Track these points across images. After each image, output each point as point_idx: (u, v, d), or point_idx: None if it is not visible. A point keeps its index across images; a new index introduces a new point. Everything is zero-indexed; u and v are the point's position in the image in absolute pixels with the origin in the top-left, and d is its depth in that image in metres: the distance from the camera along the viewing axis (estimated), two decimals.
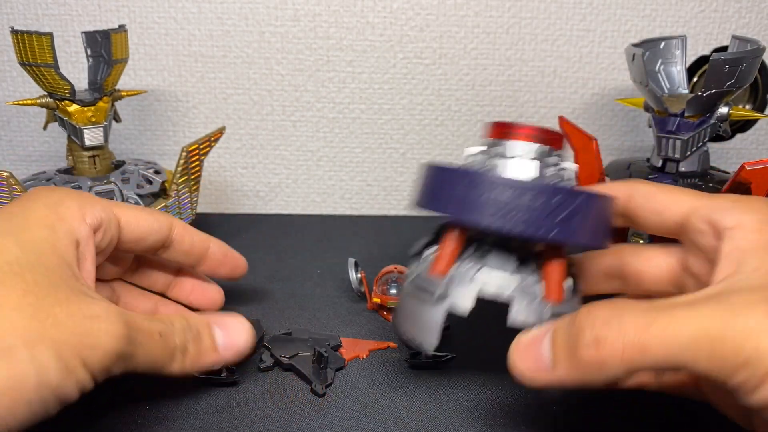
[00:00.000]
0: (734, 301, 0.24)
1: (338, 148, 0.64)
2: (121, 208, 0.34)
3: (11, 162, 0.65)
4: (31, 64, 0.44)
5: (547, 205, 0.28)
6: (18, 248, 0.27)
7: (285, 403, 0.34)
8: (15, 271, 0.26)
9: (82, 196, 0.33)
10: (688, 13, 0.61)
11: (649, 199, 0.33)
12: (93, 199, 0.33)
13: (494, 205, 0.28)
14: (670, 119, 0.46)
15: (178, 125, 0.63)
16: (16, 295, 0.25)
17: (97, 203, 0.33)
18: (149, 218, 0.35)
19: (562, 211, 0.28)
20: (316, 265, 0.52)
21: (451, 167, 0.31)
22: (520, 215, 0.28)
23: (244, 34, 0.60)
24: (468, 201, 0.29)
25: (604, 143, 0.64)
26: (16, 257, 0.26)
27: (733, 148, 0.65)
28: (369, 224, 0.62)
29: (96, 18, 0.60)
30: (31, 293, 0.25)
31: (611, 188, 0.34)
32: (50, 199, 0.31)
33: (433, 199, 0.31)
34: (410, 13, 0.60)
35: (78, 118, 0.47)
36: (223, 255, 0.39)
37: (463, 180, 0.29)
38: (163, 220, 0.36)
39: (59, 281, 0.27)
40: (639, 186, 0.34)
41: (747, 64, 0.42)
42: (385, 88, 0.62)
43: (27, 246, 0.27)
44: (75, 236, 0.30)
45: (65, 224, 0.30)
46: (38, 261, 0.27)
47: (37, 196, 0.31)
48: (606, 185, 0.35)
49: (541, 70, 0.62)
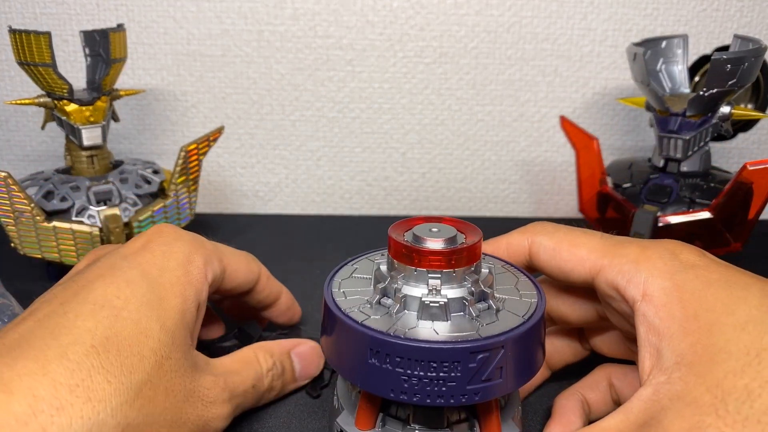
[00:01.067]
0: (661, 409, 0.23)
1: (338, 147, 0.64)
2: (228, 257, 0.34)
3: (9, 162, 0.64)
4: (29, 63, 0.44)
5: (465, 372, 0.25)
6: (158, 327, 0.27)
7: (280, 404, 0.34)
8: (158, 362, 0.26)
9: (206, 249, 0.32)
10: (689, 12, 0.61)
11: (551, 257, 0.30)
12: (212, 251, 0.33)
13: (406, 380, 0.25)
14: (672, 119, 0.46)
15: (176, 125, 0.63)
16: (161, 396, 0.26)
17: (214, 257, 0.32)
18: (246, 269, 0.35)
19: (484, 371, 0.25)
20: (316, 265, 0.52)
21: (356, 329, 0.26)
22: (436, 389, 0.25)
23: (243, 33, 0.60)
24: (377, 374, 0.26)
25: (605, 143, 0.64)
26: (158, 341, 0.27)
27: (735, 148, 0.65)
28: (369, 224, 0.62)
29: (94, 17, 0.59)
30: (171, 392, 0.26)
31: (510, 245, 0.32)
32: (182, 254, 0.31)
33: (340, 365, 0.28)
34: (410, 12, 0.60)
35: (76, 118, 0.47)
36: (287, 307, 0.40)
37: (368, 348, 0.25)
38: (255, 269, 0.36)
39: (185, 362, 0.28)
40: (540, 239, 0.31)
41: (749, 63, 0.42)
42: (385, 87, 0.62)
43: (165, 323, 0.28)
44: (199, 301, 0.30)
45: (193, 289, 0.30)
46: (173, 342, 0.27)
47: (170, 248, 0.31)
48: (505, 240, 0.32)
49: (542, 70, 0.62)
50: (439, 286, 0.27)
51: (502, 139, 0.64)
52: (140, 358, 0.25)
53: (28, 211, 0.44)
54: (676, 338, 0.24)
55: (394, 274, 0.28)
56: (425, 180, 0.65)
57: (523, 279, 0.30)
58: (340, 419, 0.29)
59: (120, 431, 0.23)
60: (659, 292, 0.25)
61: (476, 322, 0.26)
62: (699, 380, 0.22)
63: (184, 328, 0.28)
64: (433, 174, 0.65)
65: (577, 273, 0.29)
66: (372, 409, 0.28)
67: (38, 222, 0.45)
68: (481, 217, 0.66)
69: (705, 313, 0.24)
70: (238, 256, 0.35)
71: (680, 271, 0.26)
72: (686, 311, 0.24)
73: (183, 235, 0.32)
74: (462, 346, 0.25)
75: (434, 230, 0.28)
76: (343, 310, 0.27)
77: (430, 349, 0.25)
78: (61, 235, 0.45)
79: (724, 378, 0.22)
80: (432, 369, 0.25)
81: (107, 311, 0.26)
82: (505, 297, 0.28)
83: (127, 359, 0.25)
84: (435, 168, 0.65)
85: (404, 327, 0.26)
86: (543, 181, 0.66)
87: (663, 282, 0.26)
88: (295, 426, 0.33)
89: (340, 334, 0.27)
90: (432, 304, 0.26)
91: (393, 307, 0.27)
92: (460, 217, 0.30)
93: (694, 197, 0.45)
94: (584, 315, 0.32)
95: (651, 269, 0.26)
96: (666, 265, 0.26)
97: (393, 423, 0.29)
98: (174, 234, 0.32)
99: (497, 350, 0.25)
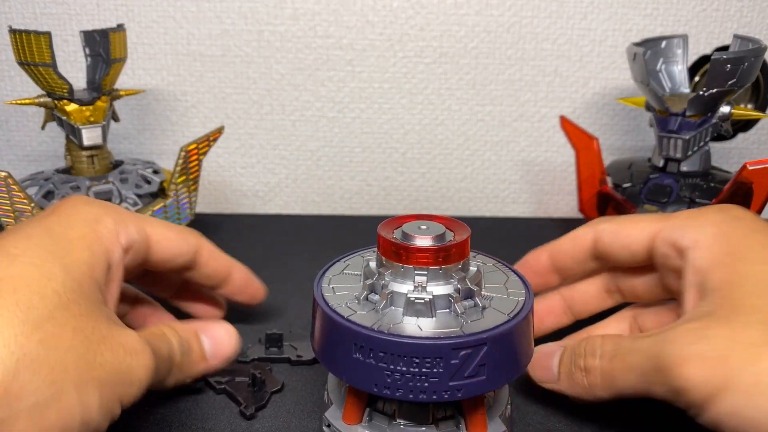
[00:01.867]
0: (676, 332, 0.26)
1: (338, 147, 0.64)
2: (153, 226, 0.33)
3: (9, 162, 0.64)
4: (29, 63, 0.44)
5: (447, 368, 0.25)
6: (63, 273, 0.26)
7: (280, 404, 0.34)
8: (63, 303, 0.25)
9: (118, 213, 0.32)
10: (689, 12, 0.61)
11: (614, 236, 0.34)
12: (128, 216, 0.32)
13: (389, 375, 0.25)
14: (672, 119, 0.46)
15: (176, 125, 0.63)
16: (68, 334, 0.25)
17: (131, 222, 0.32)
18: (178, 239, 0.34)
19: (467, 367, 0.25)
20: (316, 265, 0.52)
21: (341, 323, 0.27)
22: (419, 384, 0.25)
23: (243, 33, 0.60)
24: (361, 369, 0.26)
25: (605, 143, 0.64)
26: (62, 285, 0.26)
27: (735, 148, 0.65)
28: (369, 224, 0.62)
29: (94, 17, 0.60)
30: (81, 331, 0.25)
31: (576, 237, 0.35)
32: (89, 214, 0.30)
33: (327, 360, 0.28)
34: (410, 12, 0.60)
35: (76, 118, 0.47)
36: (244, 283, 0.38)
37: (353, 343, 0.26)
38: (192, 240, 0.35)
39: (98, 312, 0.27)
40: (602, 226, 0.34)
41: (749, 63, 0.42)
42: (385, 87, 0.62)
43: (70, 271, 0.27)
44: (108, 259, 0.30)
45: (102, 245, 0.29)
46: (80, 289, 0.27)
47: (77, 209, 0.31)
48: (571, 235, 0.36)
49: (542, 69, 0.62)
50: (425, 283, 0.27)
51: (502, 139, 0.64)
52: (41, 297, 0.25)
53: (28, 211, 0.44)
54: (714, 272, 0.28)
55: (383, 270, 0.28)
56: (425, 180, 0.65)
57: (513, 277, 0.31)
58: (328, 413, 0.30)
59: (15, 360, 0.22)
60: (706, 238, 0.29)
61: (461, 319, 0.27)
62: (724, 301, 0.27)
63: (93, 281, 0.28)
64: (433, 174, 0.65)
65: (638, 244, 0.33)
66: (359, 404, 0.29)
67: None
68: (481, 217, 0.66)
69: (741, 250, 0.28)
70: (169, 227, 0.34)
71: (727, 221, 0.30)
72: (726, 249, 0.28)
73: (94, 201, 0.32)
74: (444, 342, 0.25)
75: (423, 228, 0.28)
76: (330, 306, 0.28)
77: (413, 344, 0.25)
78: None
79: (739, 298, 0.26)
80: (414, 365, 0.25)
81: (2, 257, 0.26)
82: (492, 295, 0.29)
83: (24, 297, 0.24)
84: (435, 168, 0.65)
85: (389, 323, 0.26)
86: (543, 181, 0.66)
87: (711, 229, 0.30)
88: (294, 426, 0.33)
89: (327, 328, 0.27)
90: (417, 301, 0.26)
91: (379, 303, 0.27)
92: (460, 218, 0.30)
93: (694, 197, 0.45)
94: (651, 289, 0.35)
95: (702, 222, 0.30)
96: (715, 216, 0.30)
97: (379, 418, 0.29)
98: (84, 200, 0.32)
99: (480, 347, 0.25)
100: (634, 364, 0.27)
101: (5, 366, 0.22)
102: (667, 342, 0.26)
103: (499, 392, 0.31)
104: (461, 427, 0.28)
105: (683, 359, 0.25)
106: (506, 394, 0.31)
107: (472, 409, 0.28)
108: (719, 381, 0.24)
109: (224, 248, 0.37)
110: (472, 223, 0.30)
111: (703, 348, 0.25)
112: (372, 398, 0.29)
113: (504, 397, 0.31)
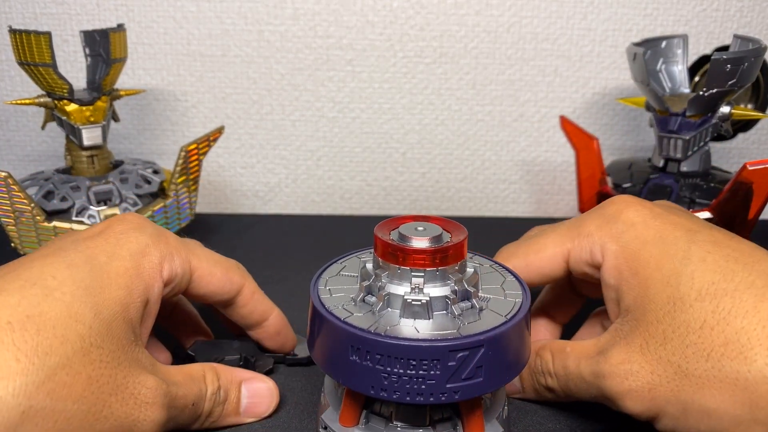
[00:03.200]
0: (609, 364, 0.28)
1: (338, 147, 0.64)
2: (199, 260, 0.32)
3: (9, 162, 0.64)
4: (29, 63, 0.44)
5: (444, 370, 0.25)
6: (92, 314, 0.26)
7: (279, 405, 0.34)
8: (85, 348, 0.25)
9: (167, 245, 0.31)
10: (689, 12, 0.61)
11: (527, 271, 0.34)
12: (176, 249, 0.31)
13: (386, 377, 0.25)
14: (672, 119, 0.46)
15: (176, 125, 0.63)
16: (80, 384, 0.24)
17: (177, 255, 0.31)
18: (222, 277, 0.33)
19: (464, 369, 0.25)
20: (316, 265, 0.52)
21: (338, 326, 0.26)
22: (415, 387, 0.25)
23: (243, 33, 0.60)
24: (358, 371, 0.26)
25: (605, 143, 0.64)
26: (89, 328, 0.26)
27: (735, 148, 0.65)
28: (369, 224, 0.62)
29: (94, 17, 0.60)
30: (95, 381, 0.25)
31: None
32: (137, 244, 0.30)
33: (324, 362, 0.28)
34: (410, 12, 0.60)
35: (76, 118, 0.47)
36: (277, 331, 0.37)
37: (349, 345, 0.26)
38: (236, 281, 0.34)
39: (121, 356, 0.26)
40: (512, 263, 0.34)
41: (749, 63, 0.42)
42: (385, 87, 0.62)
43: (101, 312, 0.26)
44: (147, 294, 0.29)
45: (142, 282, 0.29)
46: (108, 331, 0.26)
47: (126, 236, 0.30)
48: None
49: (542, 69, 0.62)
50: (421, 285, 0.27)
51: (502, 139, 0.64)
52: (62, 341, 0.24)
53: (28, 211, 0.44)
54: (624, 293, 0.30)
55: (379, 272, 0.28)
56: (425, 180, 0.65)
57: (510, 279, 0.31)
58: (325, 415, 0.30)
59: (20, 412, 0.22)
60: (610, 256, 0.31)
61: (458, 321, 0.26)
62: (636, 325, 0.28)
63: (125, 321, 0.27)
64: (433, 174, 0.65)
65: (552, 268, 0.33)
66: (356, 406, 0.28)
67: (38, 222, 0.45)
68: (481, 217, 0.66)
69: (642, 269, 0.29)
70: (216, 262, 0.33)
71: (623, 232, 0.31)
72: (630, 269, 0.30)
73: (146, 226, 0.31)
74: (441, 344, 0.25)
75: (419, 229, 0.28)
76: (326, 308, 0.28)
77: (409, 346, 0.25)
78: (61, 235, 0.45)
79: (649, 324, 0.28)
80: (411, 367, 0.25)
81: (38, 290, 0.25)
82: (489, 296, 0.29)
83: (46, 340, 0.24)
84: (435, 168, 0.65)
85: (386, 325, 0.26)
86: (543, 181, 0.66)
87: (612, 246, 0.31)
88: (294, 425, 0.33)
89: (324, 331, 0.27)
90: (414, 303, 0.26)
91: (376, 305, 0.27)
92: (460, 218, 0.30)
93: (694, 197, 0.45)
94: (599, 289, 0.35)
95: (603, 237, 0.31)
96: (612, 229, 0.31)
97: (376, 420, 0.29)
98: (135, 223, 0.31)
99: (477, 349, 0.25)
100: (585, 390, 0.30)
101: (9, 417, 0.22)
102: (605, 377, 0.28)
103: (496, 394, 0.31)
104: (458, 429, 0.28)
105: (621, 395, 0.28)
106: (503, 395, 0.31)
107: (470, 411, 0.28)
108: (654, 411, 0.27)
109: (224, 248, 0.37)
110: (472, 223, 0.31)
111: (632, 384, 0.27)
112: (369, 400, 0.29)
113: (501, 398, 0.31)
